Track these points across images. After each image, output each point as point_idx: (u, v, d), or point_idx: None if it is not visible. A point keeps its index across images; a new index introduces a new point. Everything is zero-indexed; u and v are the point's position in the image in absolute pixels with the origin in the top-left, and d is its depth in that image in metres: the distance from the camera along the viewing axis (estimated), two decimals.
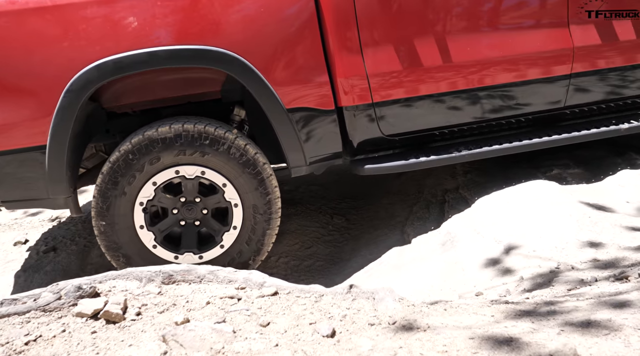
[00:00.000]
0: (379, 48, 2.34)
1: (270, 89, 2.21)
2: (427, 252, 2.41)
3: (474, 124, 2.57)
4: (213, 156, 2.21)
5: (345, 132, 2.41)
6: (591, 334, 1.16)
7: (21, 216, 3.62)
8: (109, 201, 2.19)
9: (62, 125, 2.08)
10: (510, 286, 1.86)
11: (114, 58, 2.05)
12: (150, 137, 2.15)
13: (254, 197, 2.30)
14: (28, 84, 2.09)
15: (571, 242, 2.02)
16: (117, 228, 2.22)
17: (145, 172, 2.18)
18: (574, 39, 2.49)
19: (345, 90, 2.32)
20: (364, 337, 1.26)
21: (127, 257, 2.27)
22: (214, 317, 1.43)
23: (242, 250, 2.36)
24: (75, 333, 1.40)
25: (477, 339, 1.18)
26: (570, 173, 2.81)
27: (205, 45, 2.13)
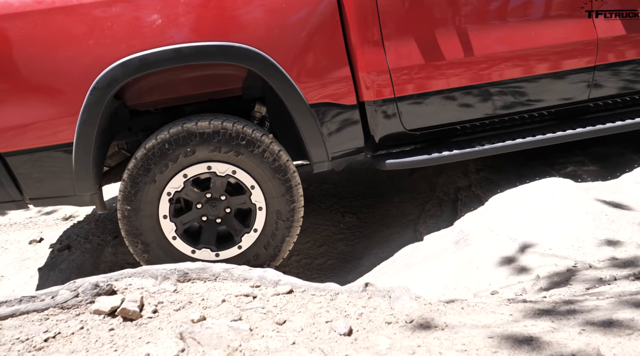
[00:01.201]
0: (401, 42, 2.33)
1: (292, 84, 2.21)
2: (440, 250, 2.39)
3: (496, 118, 2.55)
4: (247, 157, 2.23)
5: (366, 127, 2.41)
6: (613, 334, 1.14)
7: (36, 215, 3.66)
8: (137, 187, 2.20)
9: (88, 123, 2.10)
10: (527, 285, 1.84)
11: (139, 55, 2.07)
12: (189, 130, 2.17)
13: (280, 203, 2.32)
14: (55, 82, 2.11)
15: (588, 240, 1.99)
16: (141, 214, 2.23)
17: (179, 163, 2.20)
18: (598, 31, 2.47)
19: (367, 85, 2.32)
20: (381, 336, 1.25)
21: (145, 244, 2.28)
22: (230, 315, 1.43)
23: (259, 253, 2.37)
24: (93, 330, 1.41)
25: (497, 338, 1.17)
26: (585, 170, 2.78)
27: (228, 41, 2.14)
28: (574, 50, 2.49)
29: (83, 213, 3.55)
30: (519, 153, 3.17)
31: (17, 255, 3.14)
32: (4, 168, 2.13)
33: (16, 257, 3.11)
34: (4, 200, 2.20)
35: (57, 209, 3.67)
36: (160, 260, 2.27)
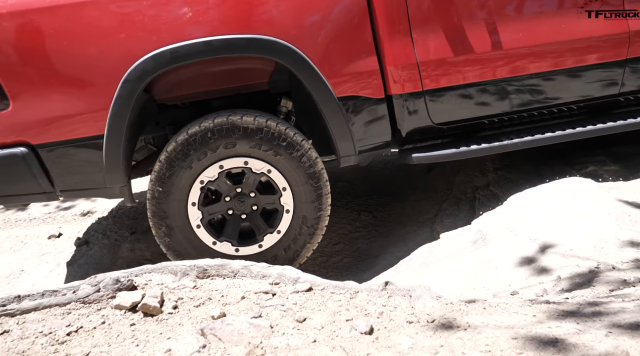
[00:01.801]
0: (429, 35, 2.32)
1: (321, 77, 2.21)
2: (457, 249, 2.37)
3: (525, 112, 2.51)
4: (285, 158, 2.25)
5: (394, 121, 2.41)
6: None
7: (54, 210, 3.71)
8: (173, 170, 2.22)
9: (119, 115, 2.12)
10: (547, 286, 1.82)
11: (170, 48, 2.09)
12: (233, 123, 2.19)
13: (307, 209, 2.33)
14: (86, 75, 2.14)
15: (610, 241, 1.96)
16: (170, 198, 2.25)
17: (217, 153, 2.22)
18: (630, 24, 2.43)
19: (395, 78, 2.32)
20: (402, 335, 1.24)
21: (169, 228, 2.30)
22: (250, 312, 1.43)
23: (278, 255, 2.38)
24: (114, 325, 1.42)
25: (521, 339, 1.16)
26: (606, 170, 2.73)
27: (258, 34, 2.15)
28: (606, 44, 2.44)
29: (101, 209, 3.59)
30: (538, 152, 3.13)
31: (36, 250, 3.19)
32: (37, 160, 2.16)
33: (35, 252, 3.16)
34: (35, 192, 2.23)
35: (76, 205, 3.72)
36: (181, 246, 2.31)
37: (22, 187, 2.22)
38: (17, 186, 2.21)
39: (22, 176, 2.17)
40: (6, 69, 2.09)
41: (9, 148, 2.14)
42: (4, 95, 2.10)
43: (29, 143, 2.15)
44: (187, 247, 2.31)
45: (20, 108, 2.11)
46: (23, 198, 2.31)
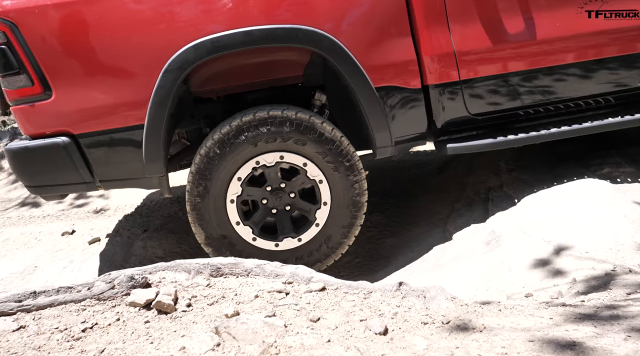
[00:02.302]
0: (467, 24, 2.31)
1: (359, 67, 2.23)
2: (470, 250, 2.35)
3: (562, 103, 2.48)
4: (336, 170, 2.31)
5: (429, 112, 2.40)
6: None
7: (68, 207, 3.75)
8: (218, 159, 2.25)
9: (160, 105, 2.15)
10: (563, 289, 1.80)
11: (210, 38, 2.12)
12: (287, 117, 2.23)
13: (343, 216, 2.38)
14: (128, 65, 2.17)
15: (627, 243, 1.93)
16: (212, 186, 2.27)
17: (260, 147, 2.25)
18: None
19: (432, 68, 2.32)
20: (417, 336, 1.23)
21: (206, 189, 2.28)
22: (263, 311, 1.43)
23: (313, 251, 2.42)
24: (129, 322, 1.43)
25: (538, 342, 1.14)
26: (622, 172, 2.69)
27: (297, 24, 2.17)
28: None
29: (114, 207, 3.62)
30: (552, 153, 3.10)
31: (50, 246, 3.22)
32: (77, 150, 2.19)
33: (49, 248, 3.19)
34: (76, 182, 2.26)
35: (89, 202, 3.75)
36: (212, 228, 2.32)
37: (62, 177, 2.25)
38: (58, 176, 2.25)
39: (63, 166, 2.20)
40: (50, 60, 2.13)
41: (51, 138, 2.18)
42: (47, 85, 2.14)
43: (71, 133, 2.18)
44: (212, 220, 2.32)
45: (62, 98, 2.15)
46: (63, 189, 2.33)
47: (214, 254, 2.38)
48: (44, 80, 2.13)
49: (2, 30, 2.10)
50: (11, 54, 2.11)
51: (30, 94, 2.15)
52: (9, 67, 2.13)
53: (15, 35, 2.09)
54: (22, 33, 2.09)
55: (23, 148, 2.20)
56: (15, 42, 2.10)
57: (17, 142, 2.31)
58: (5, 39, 2.10)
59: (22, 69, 2.12)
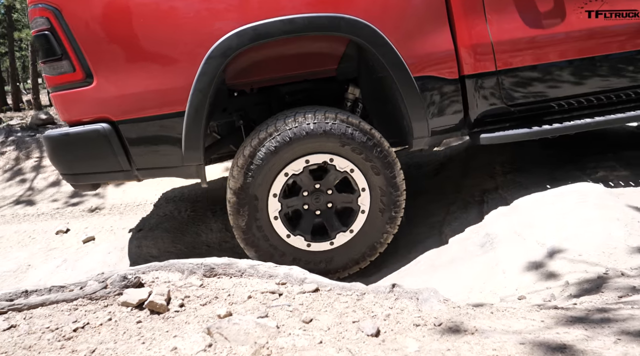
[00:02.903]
0: (504, 14, 2.33)
1: (399, 56, 2.24)
2: (465, 253, 2.36)
3: (597, 95, 2.49)
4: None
5: (465, 102, 2.41)
6: None
7: (62, 206, 3.74)
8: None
9: (201, 91, 2.14)
10: (555, 291, 1.80)
11: (253, 25, 2.12)
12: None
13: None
14: (170, 51, 2.16)
15: (620, 247, 1.94)
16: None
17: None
18: None
19: (469, 58, 2.33)
20: (409, 338, 1.23)
21: (253, 173, 2.26)
22: (256, 312, 1.43)
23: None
24: (121, 322, 1.43)
25: (529, 345, 1.15)
26: (616, 175, 2.70)
27: (337, 13, 2.18)
28: None
29: (109, 206, 3.61)
30: (547, 156, 3.11)
31: (44, 245, 3.21)
32: (117, 137, 2.17)
33: (43, 247, 3.18)
34: (114, 170, 2.24)
35: (84, 200, 3.74)
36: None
37: (101, 165, 2.22)
38: (97, 163, 2.22)
39: (103, 153, 2.18)
40: (93, 46, 2.12)
41: (91, 124, 2.16)
42: (89, 71, 2.13)
43: (110, 120, 2.17)
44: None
45: (103, 85, 2.14)
46: (101, 177, 2.29)
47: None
48: (85, 67, 2.12)
49: (46, 15, 2.09)
50: (54, 40, 2.10)
51: (71, 80, 2.14)
52: (52, 52, 2.12)
53: (59, 21, 2.08)
54: (66, 19, 2.09)
55: (63, 134, 2.18)
56: (59, 27, 2.09)
57: (55, 129, 2.29)
58: (49, 25, 2.09)
59: (64, 55, 2.11)
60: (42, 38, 2.11)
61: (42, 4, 2.09)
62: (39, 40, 2.13)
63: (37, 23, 2.12)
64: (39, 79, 15.93)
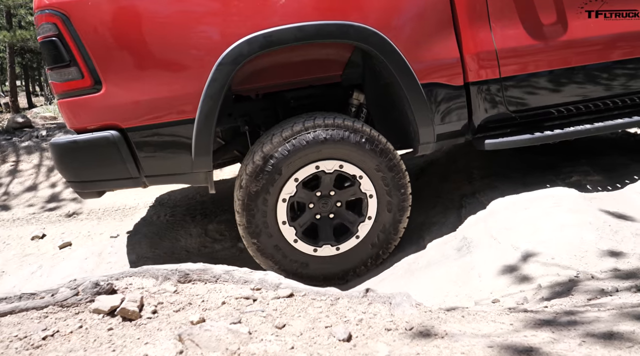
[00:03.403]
0: (508, 23, 2.39)
1: (407, 63, 2.28)
2: (442, 257, 2.38)
3: (595, 101, 2.57)
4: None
5: (470, 108, 2.46)
6: (614, 346, 1.13)
7: (39, 211, 3.67)
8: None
9: (212, 98, 2.14)
10: (528, 294, 1.83)
11: (264, 32, 2.13)
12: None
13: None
14: (181, 58, 2.15)
15: (591, 250, 1.98)
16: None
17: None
18: None
19: (474, 65, 2.39)
20: (380, 342, 1.24)
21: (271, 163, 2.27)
22: (229, 317, 1.43)
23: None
24: (92, 329, 1.41)
25: (496, 348, 1.16)
26: (590, 180, 2.76)
27: (346, 20, 2.20)
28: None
29: (87, 211, 3.56)
30: (524, 161, 3.16)
31: (18, 251, 3.15)
32: (126, 144, 2.15)
33: (18, 253, 3.12)
34: (122, 177, 2.22)
35: (61, 205, 3.68)
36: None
37: (110, 172, 2.20)
38: (105, 171, 2.20)
39: (111, 160, 2.16)
40: (101, 52, 2.09)
41: (100, 131, 2.14)
42: (98, 78, 2.10)
43: (119, 127, 2.14)
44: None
45: (112, 92, 2.11)
46: (109, 184, 2.28)
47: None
48: (94, 73, 2.10)
49: (54, 21, 2.06)
50: (62, 46, 2.07)
51: (79, 87, 2.12)
52: (59, 59, 2.09)
53: (67, 27, 2.06)
54: (74, 25, 2.06)
55: (71, 142, 2.15)
56: (67, 34, 2.06)
57: (62, 136, 2.25)
58: (57, 31, 2.06)
59: (72, 61, 2.08)
60: (50, 44, 2.08)
61: (50, 9, 2.07)
62: (46, 47, 2.10)
63: (45, 29, 2.10)
64: (17, 81, 15.64)
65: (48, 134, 4.50)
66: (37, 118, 5.79)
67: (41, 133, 4.53)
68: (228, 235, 2.99)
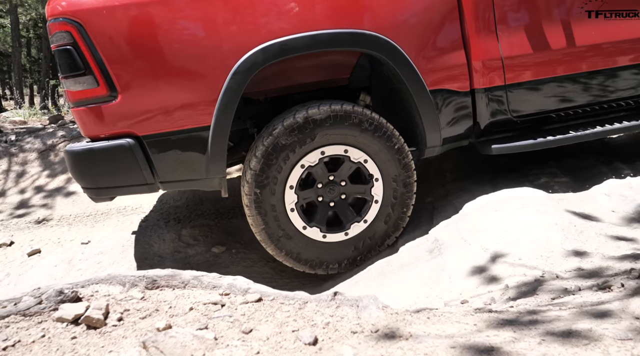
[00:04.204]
0: (513, 32, 2.48)
1: (416, 70, 2.34)
2: (414, 259, 2.40)
3: (592, 106, 2.69)
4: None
5: (475, 113, 2.54)
6: (571, 344, 1.16)
7: (7, 218, 3.58)
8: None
9: (228, 106, 2.16)
10: (496, 295, 1.86)
11: (279, 41, 2.16)
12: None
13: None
14: (197, 66, 2.16)
15: (557, 250, 2.03)
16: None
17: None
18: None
19: (480, 72, 2.46)
20: (345, 345, 1.25)
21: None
22: (196, 323, 1.42)
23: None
24: (55, 338, 1.38)
25: (459, 348, 1.18)
26: (557, 181, 2.83)
27: (358, 29, 2.25)
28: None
29: (57, 217, 3.49)
30: (494, 163, 3.22)
31: None
32: (142, 151, 2.16)
33: None
34: (138, 184, 2.23)
35: (30, 212, 3.60)
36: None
37: (125, 179, 2.22)
38: (122, 177, 2.21)
39: (128, 167, 2.17)
40: (117, 61, 2.09)
41: (116, 139, 2.15)
42: (113, 86, 2.10)
43: (135, 135, 2.16)
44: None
45: (128, 100, 2.12)
46: (125, 190, 2.28)
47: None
48: (110, 82, 2.10)
49: (68, 30, 2.05)
50: (77, 55, 2.07)
51: (95, 95, 2.12)
52: (75, 67, 2.09)
53: (82, 36, 2.06)
54: (89, 33, 2.06)
55: (87, 150, 2.15)
56: (82, 42, 2.06)
57: (77, 143, 2.25)
58: (71, 39, 2.06)
59: (87, 69, 2.09)
60: (65, 53, 2.08)
61: (63, 17, 2.06)
62: (60, 55, 2.10)
63: (58, 37, 2.08)
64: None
65: (17, 139, 4.39)
66: (7, 123, 5.64)
67: (10, 138, 4.43)
68: (202, 240, 2.97)
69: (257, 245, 2.89)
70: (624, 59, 2.65)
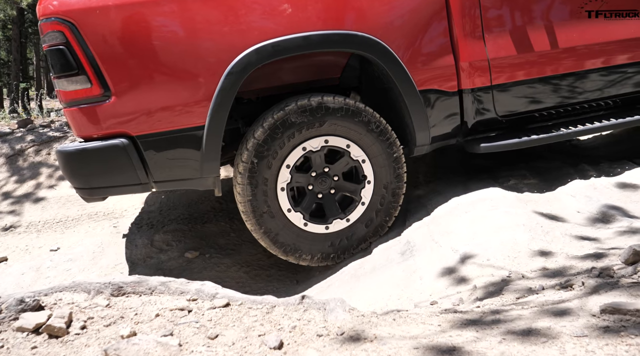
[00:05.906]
0: (499, 34, 2.56)
1: (406, 71, 2.39)
2: (387, 261, 2.42)
3: (574, 105, 2.78)
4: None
5: (462, 113, 2.60)
6: (530, 342, 1.18)
7: None
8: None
9: (221, 106, 2.18)
10: (464, 295, 1.89)
11: (272, 42, 2.18)
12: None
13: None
14: (191, 67, 2.16)
15: (523, 251, 2.07)
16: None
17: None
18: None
19: (468, 73, 2.52)
20: (311, 348, 1.25)
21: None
22: (161, 330, 1.40)
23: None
24: (14, 348, 1.35)
25: (421, 349, 1.20)
26: (526, 183, 2.88)
27: (349, 30, 2.30)
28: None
29: (25, 224, 3.40)
30: (466, 165, 3.28)
31: None
32: (136, 151, 2.15)
33: None
34: (132, 183, 2.22)
35: None
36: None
37: (119, 178, 2.20)
38: (115, 177, 2.20)
39: (122, 167, 2.16)
40: (111, 61, 2.08)
41: (110, 139, 2.13)
42: (107, 86, 2.09)
43: (129, 134, 2.15)
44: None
45: (122, 100, 2.11)
46: (118, 190, 2.27)
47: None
48: (103, 82, 2.08)
49: (61, 29, 2.03)
50: (70, 55, 2.05)
51: (88, 95, 2.10)
52: (67, 67, 2.06)
53: (75, 36, 2.04)
54: (82, 33, 2.04)
55: (80, 150, 2.13)
56: (74, 42, 2.04)
57: (69, 143, 2.22)
58: (64, 39, 2.04)
59: (80, 69, 2.07)
60: (57, 53, 2.05)
61: (55, 17, 2.04)
62: (53, 55, 2.07)
63: (51, 37, 2.05)
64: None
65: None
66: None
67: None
68: (175, 245, 2.93)
69: (231, 250, 2.88)
70: (599, 61, 2.75)
